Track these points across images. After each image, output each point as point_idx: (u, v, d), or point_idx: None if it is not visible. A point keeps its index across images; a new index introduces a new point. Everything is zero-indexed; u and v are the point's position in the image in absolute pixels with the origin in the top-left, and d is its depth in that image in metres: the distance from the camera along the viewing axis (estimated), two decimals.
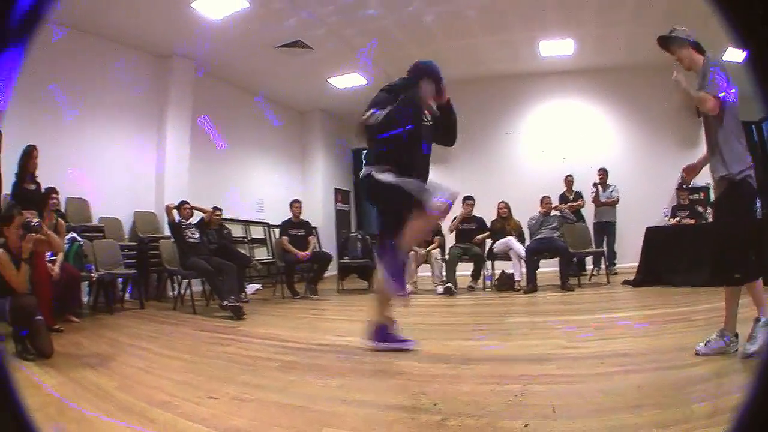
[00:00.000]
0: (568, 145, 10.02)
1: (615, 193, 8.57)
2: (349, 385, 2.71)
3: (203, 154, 8.90)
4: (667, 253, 6.60)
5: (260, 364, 3.30)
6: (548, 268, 7.26)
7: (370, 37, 8.03)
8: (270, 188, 10.81)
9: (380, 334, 3.47)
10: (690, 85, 2.94)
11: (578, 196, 8.68)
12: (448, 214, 3.33)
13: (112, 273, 6.16)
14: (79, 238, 5.81)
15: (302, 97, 11.11)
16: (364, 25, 7.78)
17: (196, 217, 6.83)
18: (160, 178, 8.26)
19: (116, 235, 7.06)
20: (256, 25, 7.47)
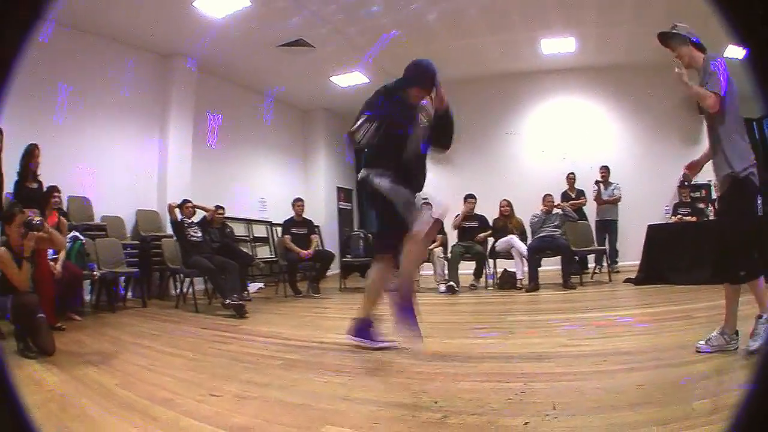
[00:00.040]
0: (570, 144, 10.02)
1: (617, 191, 8.57)
2: (351, 383, 2.72)
3: (205, 152, 8.93)
4: (668, 251, 6.59)
5: (262, 362, 3.31)
6: (550, 267, 7.26)
7: (372, 36, 8.02)
8: (272, 187, 10.83)
9: (362, 331, 3.51)
10: (692, 80, 2.94)
11: (580, 194, 8.68)
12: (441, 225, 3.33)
13: (114, 271, 6.17)
14: (81, 237, 5.84)
15: (305, 95, 11.12)
16: (366, 24, 7.79)
17: (199, 216, 6.83)
18: (163, 176, 8.29)
19: (118, 233, 7.08)
20: (257, 23, 7.48)
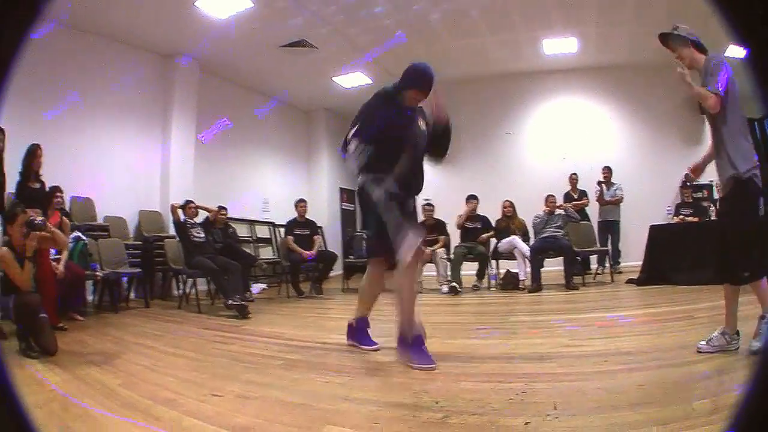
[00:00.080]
0: (572, 144, 10.02)
1: (619, 192, 8.56)
2: (352, 384, 2.72)
3: (208, 153, 8.95)
4: (670, 252, 6.59)
5: (264, 363, 3.31)
6: (553, 267, 7.25)
7: (375, 37, 8.03)
8: (275, 188, 10.85)
9: (356, 333, 3.56)
10: (693, 81, 2.93)
11: (583, 195, 8.67)
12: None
13: (117, 272, 6.20)
14: (84, 237, 5.86)
15: (307, 96, 11.14)
16: (369, 24, 7.79)
17: (202, 217, 6.84)
18: (165, 177, 8.32)
19: (121, 234, 7.11)
20: (260, 24, 7.51)
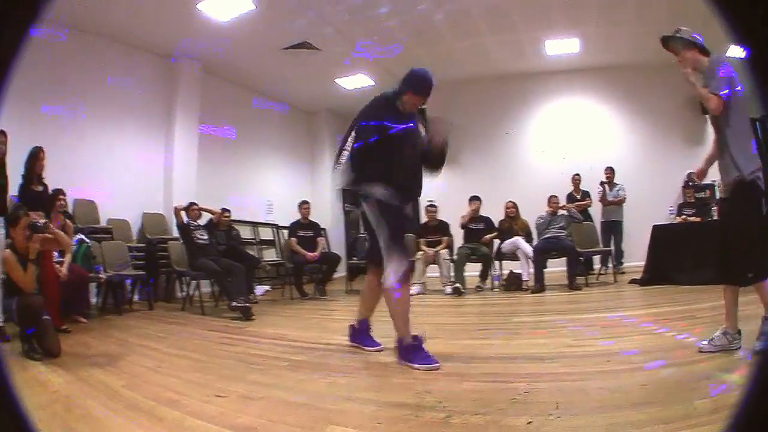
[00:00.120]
0: (574, 144, 9.98)
1: (622, 192, 8.55)
2: (355, 384, 2.74)
3: (211, 155, 8.96)
4: (673, 252, 6.58)
5: (268, 364, 3.32)
6: (556, 268, 7.25)
7: (377, 38, 8.04)
8: (278, 189, 10.86)
9: (358, 334, 3.59)
10: (698, 81, 2.93)
11: (585, 196, 8.67)
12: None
13: (121, 274, 6.21)
14: (87, 240, 5.87)
15: (310, 97, 11.15)
16: (372, 26, 7.80)
17: (205, 219, 6.86)
18: (169, 179, 8.33)
19: (124, 236, 7.12)
20: (262, 26, 7.52)
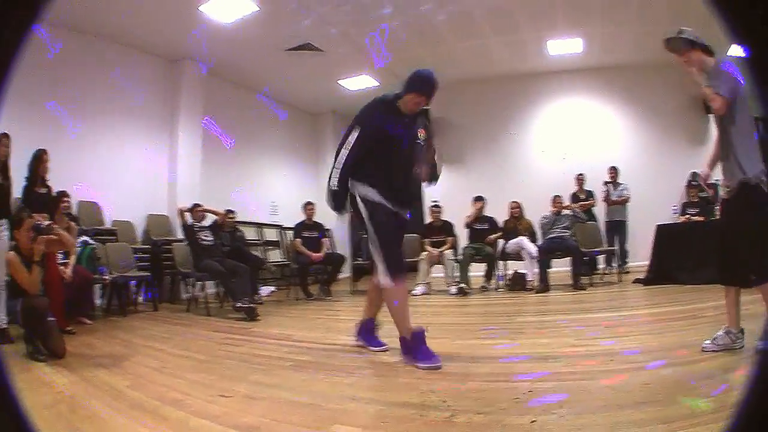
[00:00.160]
0: (577, 144, 9.96)
1: (626, 192, 8.53)
2: (360, 384, 2.74)
3: (215, 156, 8.99)
4: (677, 251, 6.57)
5: (273, 364, 3.33)
6: (560, 268, 7.24)
7: (379, 39, 8.05)
8: (283, 190, 10.89)
9: (364, 333, 3.59)
10: (703, 81, 2.92)
11: (590, 195, 8.65)
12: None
13: (125, 275, 6.23)
14: (92, 241, 5.90)
15: (314, 98, 11.18)
16: (374, 27, 7.80)
17: (209, 220, 6.86)
18: (173, 180, 8.36)
19: (129, 237, 7.16)
20: (265, 28, 7.54)
